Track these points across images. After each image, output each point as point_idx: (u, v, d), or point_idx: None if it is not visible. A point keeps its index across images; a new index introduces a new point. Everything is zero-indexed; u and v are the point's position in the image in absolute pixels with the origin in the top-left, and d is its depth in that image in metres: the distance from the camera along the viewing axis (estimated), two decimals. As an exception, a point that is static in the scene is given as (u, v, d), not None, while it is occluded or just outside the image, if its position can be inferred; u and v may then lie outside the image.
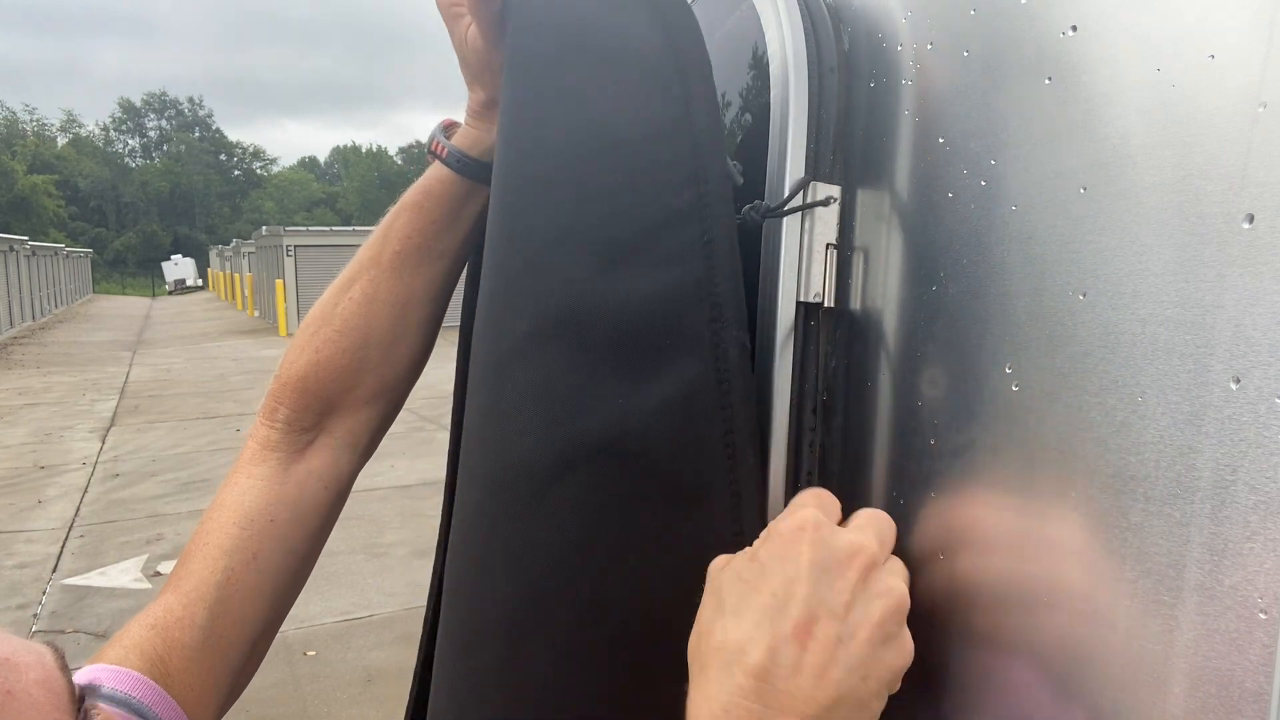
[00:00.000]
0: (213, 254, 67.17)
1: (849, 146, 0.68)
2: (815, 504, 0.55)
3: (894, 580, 0.53)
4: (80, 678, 0.66)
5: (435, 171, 0.80)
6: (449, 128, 0.82)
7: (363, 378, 0.78)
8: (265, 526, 0.75)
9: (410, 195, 0.80)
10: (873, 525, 0.55)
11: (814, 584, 0.49)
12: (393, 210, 0.81)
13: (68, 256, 49.35)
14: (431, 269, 0.80)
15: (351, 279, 0.80)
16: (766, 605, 0.49)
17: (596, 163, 0.62)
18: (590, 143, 0.63)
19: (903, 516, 0.64)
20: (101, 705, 0.52)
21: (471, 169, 0.78)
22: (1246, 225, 0.41)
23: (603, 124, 0.63)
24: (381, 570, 6.62)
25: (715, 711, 0.48)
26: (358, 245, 0.83)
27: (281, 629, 0.84)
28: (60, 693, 0.46)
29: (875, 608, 0.50)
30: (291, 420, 0.78)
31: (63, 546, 7.28)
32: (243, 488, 0.77)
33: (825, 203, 0.67)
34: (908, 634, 0.52)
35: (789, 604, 0.48)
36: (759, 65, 0.73)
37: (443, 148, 0.79)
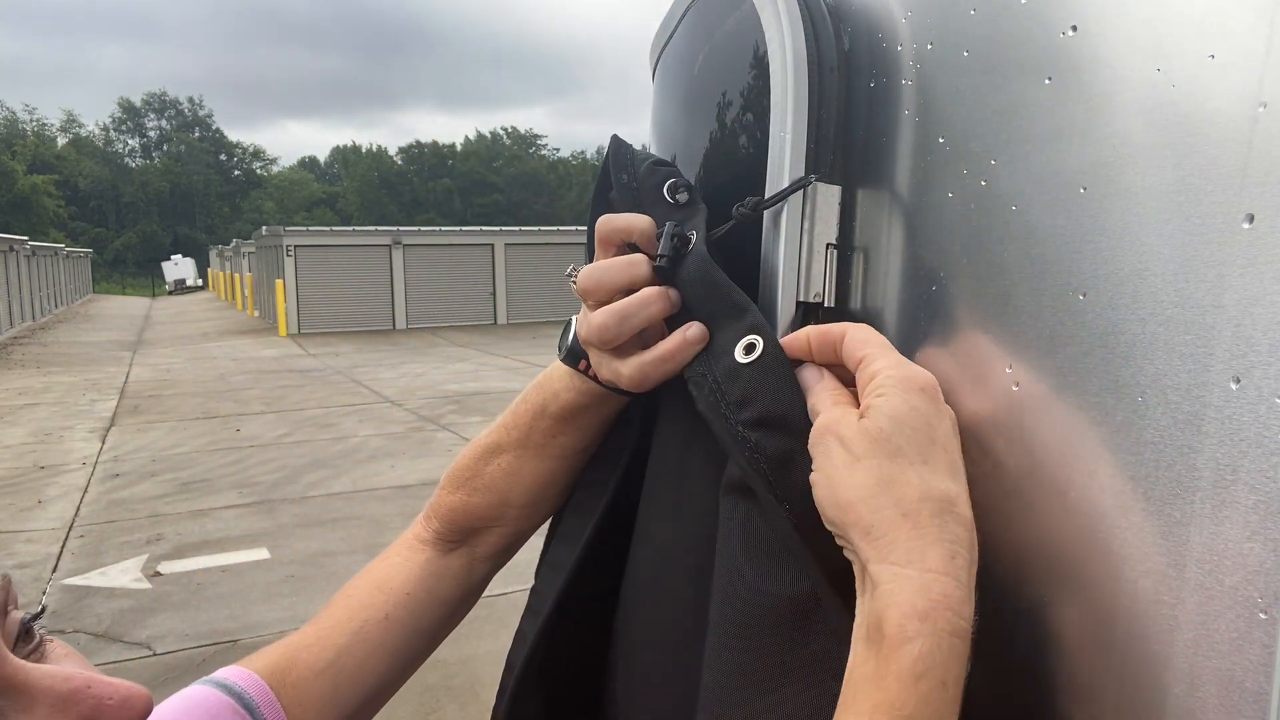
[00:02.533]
0: (213, 254, 67.20)
1: (849, 146, 0.68)
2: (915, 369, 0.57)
3: None
4: (213, 676, 0.80)
5: (582, 386, 0.80)
6: None
7: (502, 522, 0.89)
8: (401, 598, 0.88)
9: (553, 405, 0.82)
10: None
11: (957, 446, 0.54)
12: (536, 400, 0.84)
13: (68, 256, 49.37)
14: (573, 459, 0.86)
15: (501, 447, 0.87)
16: (951, 461, 0.53)
17: None
18: None
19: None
20: (56, 643, 0.53)
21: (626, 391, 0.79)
22: (1246, 225, 0.41)
23: None
24: (381, 570, 6.61)
25: (942, 555, 0.50)
26: (358, 245, 0.85)
27: (281, 629, 0.87)
28: None
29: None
30: (441, 533, 0.91)
31: (63, 546, 7.28)
32: (392, 563, 0.91)
33: (803, 184, 0.68)
34: None
35: (959, 461, 0.53)
36: (759, 65, 0.73)
37: (594, 375, 0.79)
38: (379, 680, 0.86)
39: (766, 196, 0.70)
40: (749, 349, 0.64)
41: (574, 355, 0.80)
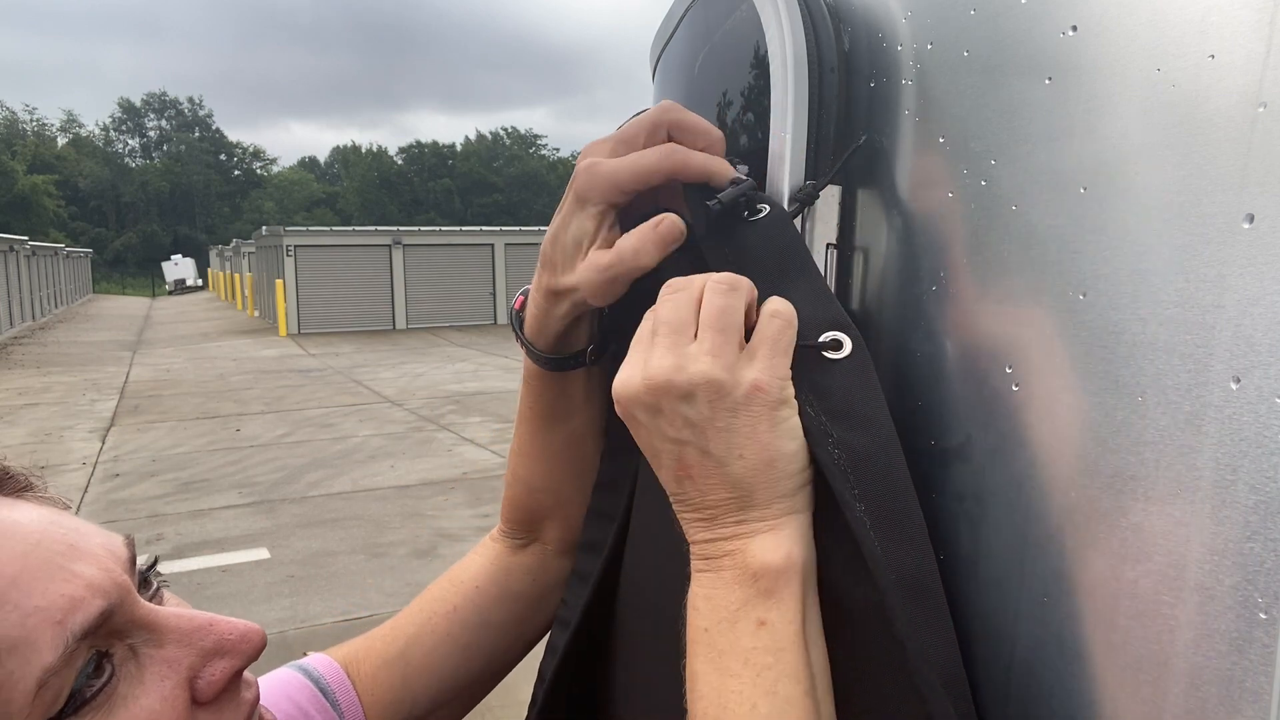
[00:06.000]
0: (213, 254, 67.20)
1: (849, 146, 0.68)
2: (635, 347, 0.61)
3: (694, 368, 0.57)
4: (300, 661, 0.85)
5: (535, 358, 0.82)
6: (522, 309, 0.80)
7: (545, 511, 0.91)
8: (469, 591, 0.91)
9: (523, 368, 0.84)
10: (668, 330, 0.60)
11: (657, 438, 0.59)
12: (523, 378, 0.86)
13: (68, 256, 49.37)
14: (563, 428, 0.86)
15: (515, 430, 0.90)
16: (657, 467, 0.60)
17: None
18: None
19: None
20: (169, 591, 0.58)
21: (546, 362, 0.79)
22: (1246, 225, 0.41)
23: None
24: (381, 570, 6.62)
25: (686, 535, 0.60)
26: (358, 245, 0.85)
27: (281, 629, 0.88)
28: (120, 555, 0.53)
29: (699, 408, 0.57)
30: (506, 529, 0.94)
31: (63, 546, 7.26)
32: (468, 559, 0.95)
33: (858, 145, 0.67)
34: (743, 379, 0.57)
35: (661, 457, 0.60)
36: (759, 65, 0.73)
37: (522, 343, 0.81)
38: (451, 674, 0.88)
39: (816, 180, 0.68)
40: (835, 345, 0.62)
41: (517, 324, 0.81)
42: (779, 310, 0.60)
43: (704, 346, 0.58)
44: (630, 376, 0.60)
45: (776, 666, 0.54)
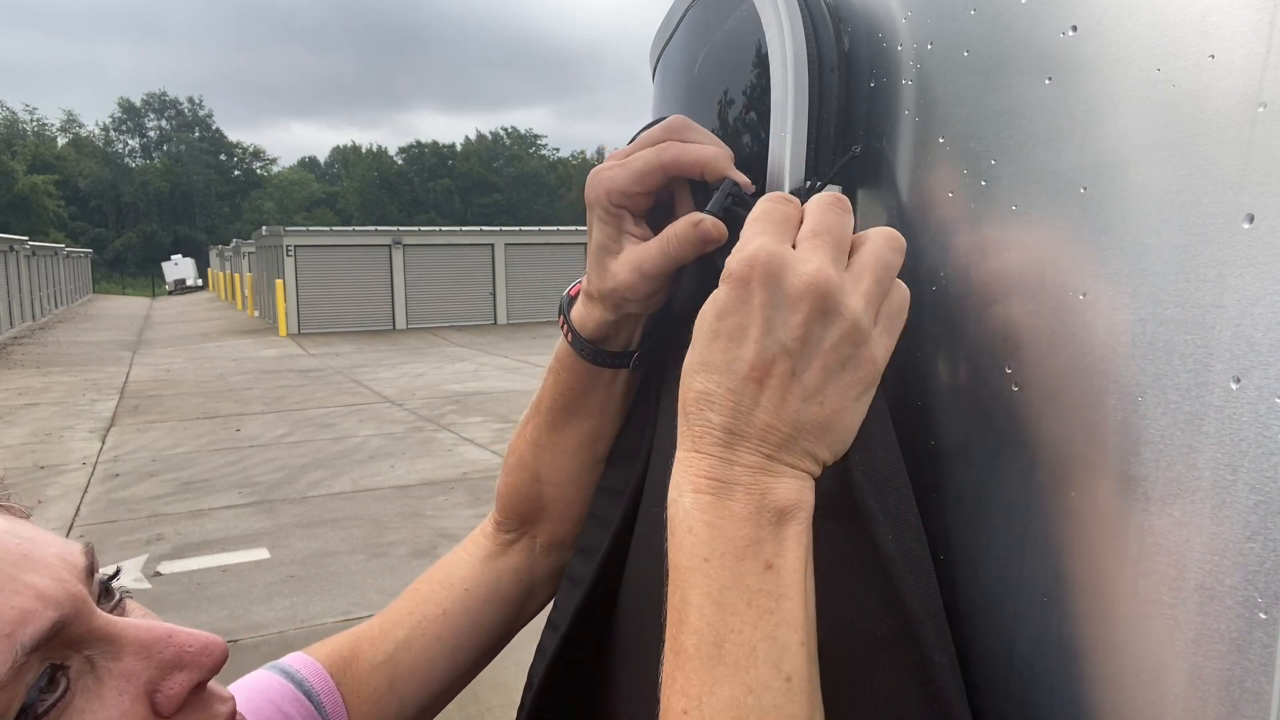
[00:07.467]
0: (213, 254, 67.24)
1: (849, 146, 0.68)
2: (767, 227, 0.56)
3: (851, 300, 0.53)
4: (279, 662, 0.83)
5: (563, 343, 0.82)
6: (575, 296, 0.81)
7: (544, 503, 0.89)
8: (459, 593, 0.89)
9: (554, 356, 0.83)
10: (830, 241, 0.55)
11: (765, 326, 0.52)
12: (550, 367, 0.85)
13: (68, 256, 49.40)
14: (581, 425, 0.85)
15: (528, 418, 0.88)
16: (725, 350, 0.53)
17: None
18: None
19: (903, 516, 0.64)
20: (133, 602, 0.57)
21: (587, 353, 0.79)
22: (1246, 225, 0.41)
23: None
24: (381, 570, 6.62)
25: (693, 435, 0.54)
26: (358, 245, 0.85)
27: (281, 629, 0.88)
28: (76, 565, 0.51)
29: (830, 335, 0.53)
30: (499, 522, 0.92)
31: (63, 546, 7.26)
32: (456, 557, 0.93)
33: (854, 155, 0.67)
34: (873, 346, 0.54)
35: (743, 347, 0.53)
36: (759, 65, 0.73)
37: (567, 328, 0.81)
38: (440, 676, 0.87)
39: (814, 181, 0.68)
40: None
41: (562, 315, 0.80)
42: (904, 298, 0.58)
43: (862, 287, 0.54)
44: (793, 258, 0.53)
45: (778, 612, 0.52)
